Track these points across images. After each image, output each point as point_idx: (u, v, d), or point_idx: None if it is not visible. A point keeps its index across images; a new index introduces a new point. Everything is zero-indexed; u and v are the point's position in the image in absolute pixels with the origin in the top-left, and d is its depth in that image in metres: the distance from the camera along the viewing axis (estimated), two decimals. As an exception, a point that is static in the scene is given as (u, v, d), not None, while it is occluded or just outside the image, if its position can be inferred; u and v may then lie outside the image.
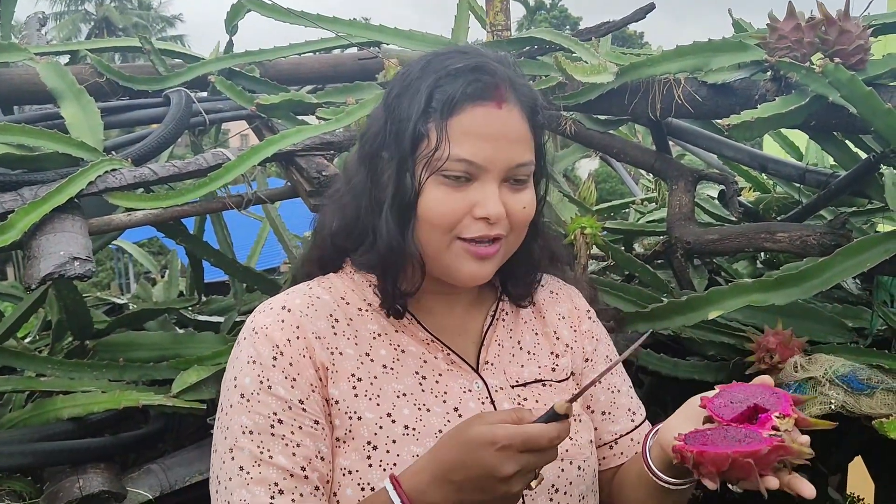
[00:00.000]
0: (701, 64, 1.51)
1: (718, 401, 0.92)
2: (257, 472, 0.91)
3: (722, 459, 0.82)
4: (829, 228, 1.47)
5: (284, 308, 0.98)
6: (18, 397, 1.70)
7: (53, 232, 1.44)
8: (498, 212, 0.94)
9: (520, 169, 0.96)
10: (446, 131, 0.92)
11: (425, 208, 0.94)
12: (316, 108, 1.93)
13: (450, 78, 0.94)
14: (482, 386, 1.02)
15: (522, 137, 0.97)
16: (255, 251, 2.84)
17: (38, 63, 1.87)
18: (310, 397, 0.94)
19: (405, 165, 0.95)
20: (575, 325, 1.15)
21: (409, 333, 1.03)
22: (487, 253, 0.96)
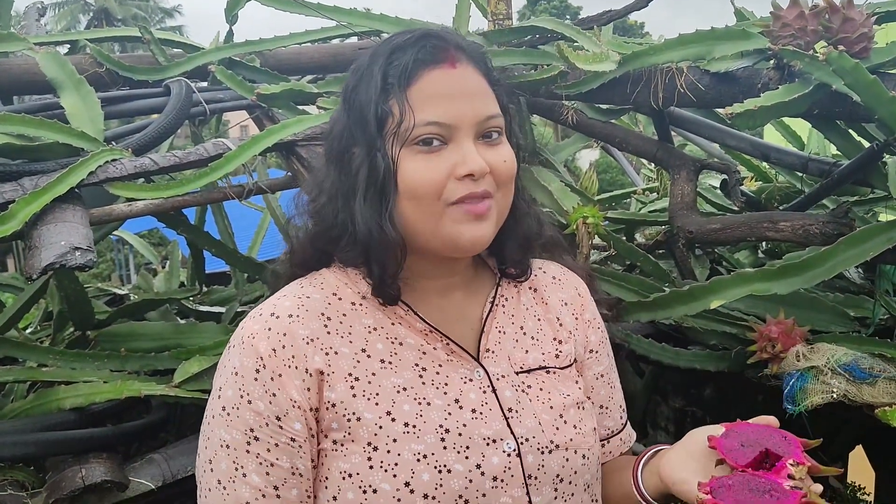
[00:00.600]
0: (703, 52, 1.50)
1: (728, 442, 0.91)
2: (232, 489, 0.92)
3: None
4: (831, 217, 1.46)
5: (273, 314, 0.96)
6: (20, 387, 1.71)
7: (54, 222, 1.44)
8: (480, 166, 0.92)
9: (490, 121, 0.95)
10: (407, 101, 0.92)
11: (406, 182, 0.93)
12: (316, 98, 1.92)
13: (399, 52, 0.95)
14: (483, 375, 1.00)
15: (483, 91, 0.97)
16: (255, 241, 2.84)
17: (38, 53, 1.86)
18: (288, 413, 0.92)
19: (374, 146, 0.94)
20: (577, 312, 1.14)
21: (407, 325, 1.01)
22: (480, 210, 0.94)
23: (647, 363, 1.82)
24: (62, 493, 1.36)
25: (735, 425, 0.94)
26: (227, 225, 2.29)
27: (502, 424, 0.97)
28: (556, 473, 0.99)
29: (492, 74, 1.00)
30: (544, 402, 1.02)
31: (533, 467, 0.97)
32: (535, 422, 0.99)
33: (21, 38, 1.92)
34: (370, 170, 0.94)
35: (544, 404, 1.02)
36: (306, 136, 1.78)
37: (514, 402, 1.00)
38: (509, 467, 0.95)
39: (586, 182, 2.17)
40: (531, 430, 0.98)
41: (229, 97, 2.05)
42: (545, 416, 1.01)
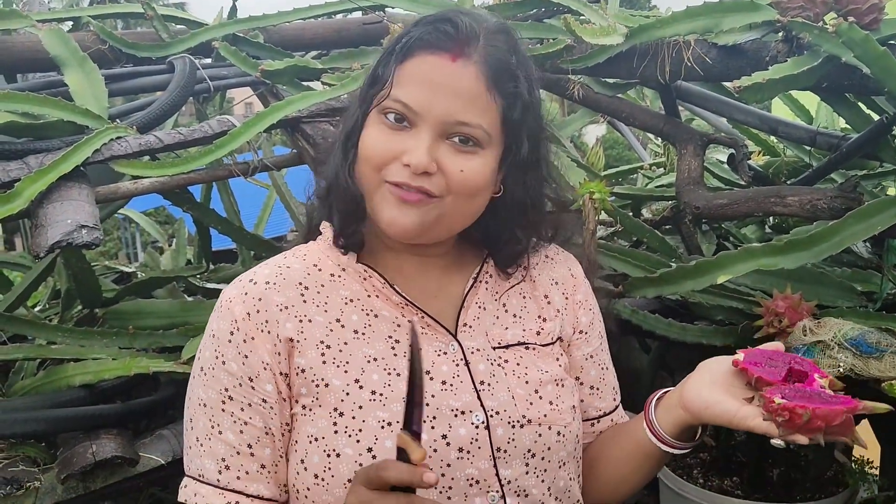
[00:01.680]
0: (712, 25, 1.49)
1: (757, 364, 0.94)
2: (209, 446, 0.96)
3: (835, 415, 0.85)
4: (839, 192, 1.45)
5: (251, 280, 0.99)
6: (30, 365, 1.72)
7: (60, 200, 1.44)
8: (419, 161, 0.91)
9: (461, 127, 0.93)
10: (394, 73, 0.94)
11: (362, 144, 0.96)
12: (321, 74, 1.91)
13: (417, 27, 0.96)
14: (457, 348, 1.01)
15: (473, 97, 0.93)
16: (261, 219, 2.84)
17: (41, 30, 1.85)
18: (259, 375, 0.95)
19: (361, 103, 0.98)
20: (568, 292, 1.14)
21: (384, 298, 1.02)
22: (409, 198, 0.93)
23: (654, 339, 1.83)
24: (73, 469, 1.37)
25: (751, 350, 0.97)
26: (233, 202, 2.29)
27: (472, 397, 0.98)
28: (528, 448, 1.00)
29: (504, 84, 0.95)
30: (520, 376, 1.03)
31: (502, 440, 0.98)
32: (507, 395, 1.00)
33: (24, 15, 1.91)
34: (349, 123, 0.99)
35: (519, 379, 1.02)
36: (311, 113, 1.77)
37: (488, 375, 1.01)
38: (476, 439, 0.96)
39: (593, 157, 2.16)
40: (503, 404, 0.99)
41: (233, 74, 2.04)
42: (519, 391, 1.01)
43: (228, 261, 2.60)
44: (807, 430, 0.86)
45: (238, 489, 0.95)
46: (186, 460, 0.99)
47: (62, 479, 1.38)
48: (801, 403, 0.86)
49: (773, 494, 1.98)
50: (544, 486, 1.02)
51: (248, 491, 0.95)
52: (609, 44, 1.54)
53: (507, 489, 0.98)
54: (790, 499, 1.96)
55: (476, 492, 0.96)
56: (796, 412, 0.86)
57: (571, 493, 1.08)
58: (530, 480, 1.00)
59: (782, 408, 0.87)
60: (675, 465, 2.11)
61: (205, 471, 0.96)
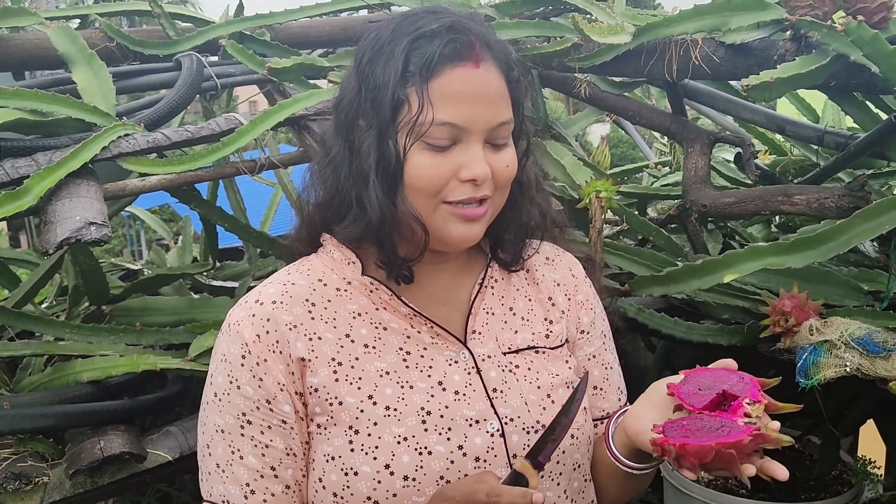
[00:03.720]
0: (719, 23, 1.48)
1: (686, 388, 0.92)
2: (231, 472, 0.94)
3: (705, 452, 0.82)
4: (847, 190, 1.45)
5: (257, 301, 0.98)
6: (38, 361, 1.72)
7: (69, 197, 1.44)
8: (484, 173, 0.92)
9: (501, 128, 0.95)
10: (427, 95, 0.90)
11: (411, 175, 0.92)
12: (328, 72, 1.92)
13: (425, 40, 0.92)
14: (468, 356, 1.01)
15: (501, 95, 0.96)
16: (267, 217, 2.84)
17: (49, 28, 1.85)
18: (277, 396, 0.94)
19: (386, 133, 0.92)
20: (570, 293, 1.13)
21: (392, 310, 1.01)
22: (475, 214, 0.95)
23: (660, 337, 1.82)
24: (82, 465, 1.38)
25: (694, 371, 0.94)
26: (240, 200, 2.29)
27: (486, 405, 0.98)
28: None
29: (511, 73, 0.98)
30: (532, 381, 1.02)
31: (518, 447, 0.97)
32: (520, 401, 1.00)
33: (32, 12, 1.92)
34: (381, 156, 0.93)
35: (531, 384, 1.02)
36: (318, 111, 1.77)
37: (500, 382, 1.00)
38: (492, 447, 0.96)
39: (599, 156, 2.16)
40: (516, 410, 0.99)
41: (240, 72, 2.04)
42: (532, 396, 1.01)
43: (234, 258, 2.61)
44: (684, 465, 0.84)
45: None
46: (207, 486, 0.97)
47: (70, 474, 1.39)
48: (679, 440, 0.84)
49: (778, 493, 1.98)
50: (560, 490, 1.02)
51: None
52: (617, 42, 1.54)
53: None
54: (795, 498, 1.96)
55: None
56: (666, 448, 0.85)
57: (586, 495, 1.08)
58: (545, 484, 1.00)
59: (654, 443, 0.86)
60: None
61: (229, 496, 0.95)
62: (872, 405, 1.97)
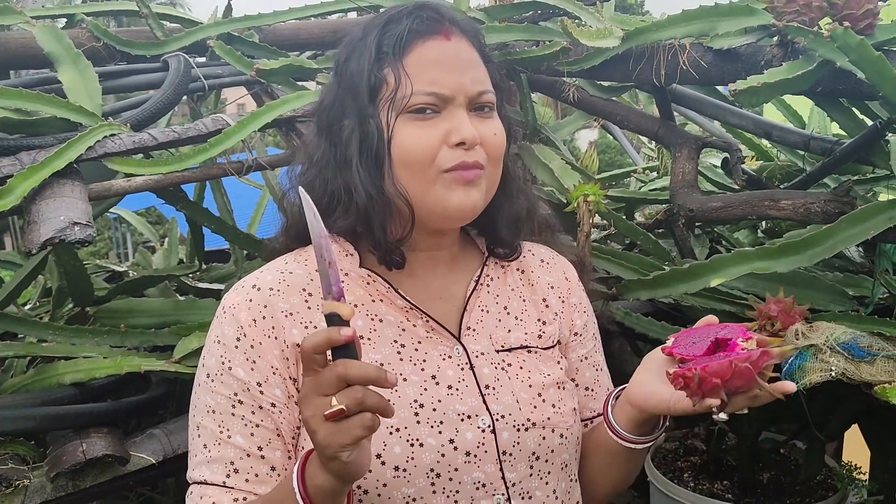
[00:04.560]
0: (707, 28, 1.49)
1: (680, 346, 0.98)
2: (217, 451, 0.95)
3: (724, 368, 0.87)
4: (833, 196, 1.46)
5: (255, 287, 0.99)
6: (20, 363, 1.71)
7: (53, 197, 1.43)
8: (472, 134, 0.94)
9: (483, 96, 0.97)
10: (403, 69, 0.94)
11: (400, 149, 0.94)
12: (316, 74, 1.91)
13: (393, 23, 0.96)
14: (462, 352, 1.02)
15: (477, 65, 0.98)
16: (254, 219, 2.83)
17: (35, 26, 1.84)
18: (269, 380, 0.95)
19: (366, 114, 0.95)
20: (564, 295, 1.15)
21: (388, 302, 1.02)
22: (471, 177, 0.95)
23: (647, 342, 1.82)
24: (63, 467, 1.36)
25: (681, 333, 1.01)
26: (227, 202, 2.28)
27: (478, 401, 0.99)
28: (532, 451, 1.00)
29: (485, 51, 1.01)
30: (523, 380, 1.03)
31: (508, 444, 0.98)
32: (512, 399, 1.01)
33: (18, 11, 1.90)
34: (363, 138, 0.95)
35: (523, 382, 1.03)
36: (306, 112, 1.77)
37: (493, 379, 1.01)
38: (483, 443, 0.97)
39: (587, 160, 2.17)
40: (508, 407, 1.00)
41: (228, 73, 2.04)
42: (523, 395, 1.02)
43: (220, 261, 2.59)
44: (707, 391, 0.89)
45: (246, 489, 0.94)
46: (192, 466, 0.98)
47: (52, 477, 1.37)
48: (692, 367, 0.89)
49: (764, 498, 1.99)
50: (548, 489, 1.03)
51: (256, 491, 0.95)
52: (605, 46, 1.54)
53: (513, 492, 0.99)
54: (780, 502, 1.96)
55: (482, 495, 0.96)
56: (687, 376, 0.89)
57: (572, 495, 1.09)
58: (534, 483, 1.01)
59: (675, 376, 0.91)
60: (665, 469, 2.12)
61: (212, 475, 0.95)
62: (857, 410, 1.98)
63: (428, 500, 0.93)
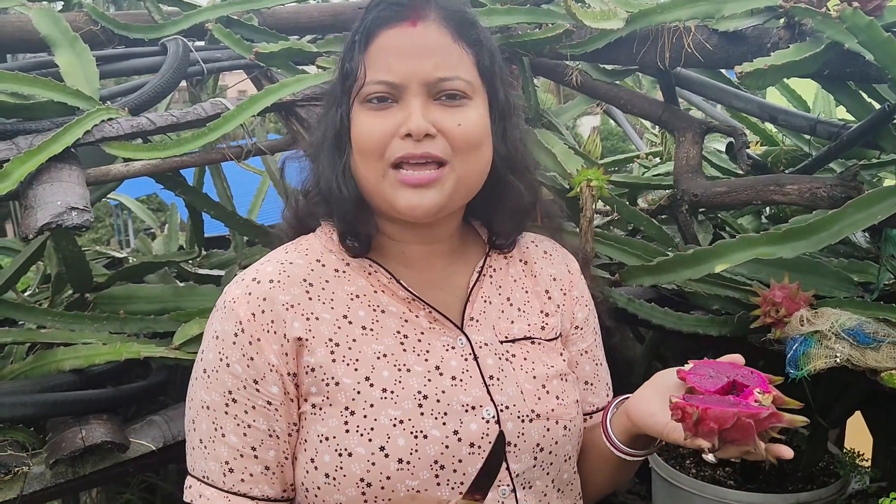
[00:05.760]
0: (713, 10, 1.47)
1: (696, 375, 0.94)
2: (213, 448, 0.95)
3: (726, 417, 0.83)
4: (839, 180, 1.44)
5: (255, 279, 0.97)
6: (19, 349, 1.70)
7: (50, 182, 1.41)
8: (419, 126, 0.91)
9: (444, 83, 0.94)
10: (364, 60, 0.94)
11: (354, 137, 0.95)
12: (316, 58, 1.89)
13: (368, 11, 0.96)
14: (465, 342, 1.01)
15: (445, 51, 0.95)
16: (254, 205, 2.82)
17: (31, 9, 1.82)
18: (265, 377, 0.94)
19: (339, 103, 0.97)
20: (566, 288, 1.14)
21: (390, 293, 1.01)
22: (421, 180, 0.92)
23: (650, 328, 1.81)
24: (63, 454, 1.35)
25: (702, 362, 0.96)
26: (226, 188, 2.27)
27: (482, 392, 0.98)
28: (537, 442, 0.99)
29: (469, 33, 0.97)
30: (527, 371, 1.02)
31: (512, 435, 0.97)
32: (516, 390, 1.00)
33: (14, -6, 1.88)
34: (331, 126, 0.97)
35: (527, 373, 1.02)
36: (306, 96, 1.75)
37: (497, 370, 1.00)
38: (487, 434, 0.95)
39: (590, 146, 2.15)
40: (512, 398, 0.99)
41: (227, 56, 2.02)
42: (527, 386, 1.01)
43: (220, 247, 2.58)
44: (702, 433, 0.85)
45: (243, 492, 0.95)
46: (190, 461, 0.98)
47: (51, 464, 1.36)
48: (695, 404, 0.85)
49: (766, 485, 1.98)
50: (549, 479, 1.02)
51: (252, 493, 0.95)
52: (610, 28, 1.52)
53: (517, 483, 0.98)
54: (782, 489, 1.96)
55: None
56: (686, 411, 0.85)
57: (573, 487, 1.09)
58: (536, 473, 1.00)
59: (675, 406, 0.87)
60: (667, 456, 2.11)
61: (209, 472, 0.95)
62: (861, 397, 1.97)
63: (432, 492, 0.92)
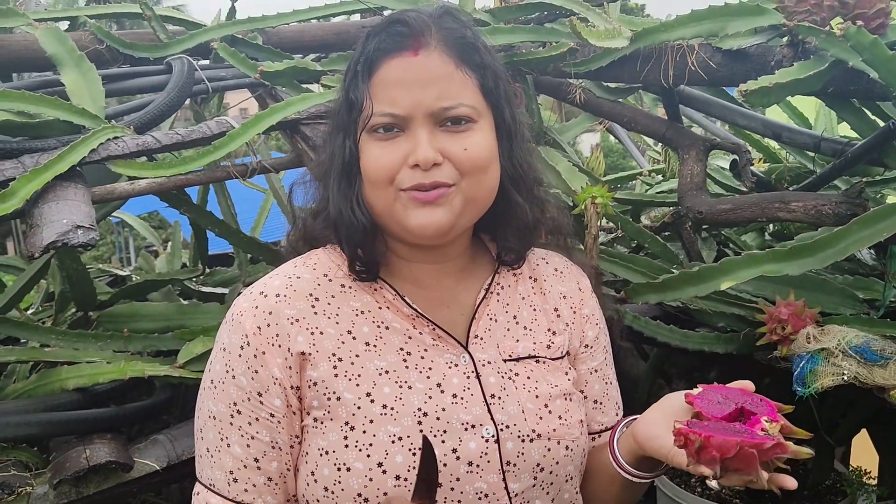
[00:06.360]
0: (717, 29, 1.48)
1: (704, 400, 0.93)
2: (218, 457, 0.96)
3: (729, 446, 0.83)
4: (844, 198, 1.44)
5: (262, 293, 0.99)
6: (22, 368, 1.69)
7: (56, 200, 1.41)
8: (426, 156, 0.92)
9: (448, 111, 0.95)
10: (368, 91, 0.95)
11: (364, 168, 0.96)
12: (320, 76, 1.90)
13: (369, 39, 0.97)
14: (468, 360, 1.00)
15: (448, 79, 0.95)
16: (258, 223, 2.82)
17: (38, 29, 1.83)
18: (269, 390, 0.95)
19: (346, 133, 0.97)
20: (576, 306, 1.13)
21: (394, 309, 1.01)
22: (429, 198, 0.94)
23: (655, 346, 1.80)
24: (66, 474, 1.35)
25: (711, 386, 0.96)
26: (230, 205, 2.27)
27: (483, 410, 0.97)
28: (537, 462, 0.99)
29: (472, 58, 0.98)
30: (530, 390, 1.02)
31: (512, 454, 0.97)
32: (518, 409, 0.99)
33: (20, 13, 1.89)
34: (341, 155, 0.98)
35: (530, 393, 1.02)
36: (310, 115, 1.76)
37: (499, 388, 1.00)
38: (486, 453, 0.95)
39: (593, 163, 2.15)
40: (513, 418, 0.98)
41: (232, 75, 2.02)
42: (529, 405, 1.01)
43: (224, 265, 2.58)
44: (704, 460, 0.84)
45: (247, 501, 0.96)
46: (199, 467, 1.00)
47: (55, 484, 1.35)
48: (698, 431, 0.84)
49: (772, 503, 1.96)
50: (548, 499, 1.01)
51: (256, 503, 0.96)
52: (614, 46, 1.53)
53: (515, 501, 0.97)
54: (789, 508, 1.94)
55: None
56: (689, 438, 0.85)
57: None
58: (536, 493, 0.99)
59: (678, 432, 0.86)
60: (672, 474, 2.09)
61: (216, 481, 0.97)
62: (867, 414, 1.96)
63: None
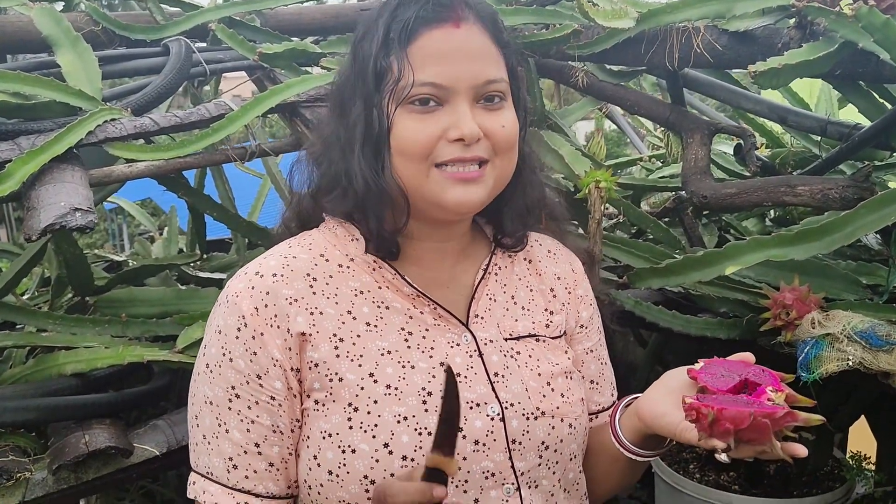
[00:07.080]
0: (724, 10, 1.46)
1: (708, 374, 0.93)
2: (216, 444, 0.94)
3: (742, 417, 0.82)
4: (851, 182, 1.43)
5: (258, 273, 0.96)
6: (19, 353, 1.68)
7: (53, 182, 1.39)
8: (472, 131, 0.91)
9: (490, 86, 0.94)
10: (407, 59, 0.91)
11: (398, 140, 0.92)
12: (320, 59, 1.87)
13: (403, 7, 0.93)
14: (470, 339, 1.00)
15: (488, 54, 0.94)
16: (255, 208, 2.80)
17: (32, 9, 1.80)
18: (269, 372, 0.92)
19: (371, 102, 0.93)
20: (570, 287, 1.13)
21: (394, 289, 1.00)
22: (470, 176, 0.93)
23: (657, 331, 1.80)
24: (65, 459, 1.33)
25: (713, 361, 0.95)
26: (228, 189, 2.25)
27: (487, 388, 0.97)
28: (542, 440, 0.98)
29: (501, 36, 0.97)
30: (532, 368, 1.02)
31: (517, 432, 0.96)
32: (521, 387, 0.99)
33: (14, -7, 1.86)
34: (367, 125, 0.93)
35: (532, 371, 1.01)
36: (310, 97, 1.73)
37: (502, 367, 0.99)
38: (492, 431, 0.95)
39: (594, 147, 2.13)
40: (517, 396, 0.98)
41: (229, 58, 2.00)
42: (532, 383, 1.00)
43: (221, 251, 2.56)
44: (717, 433, 0.84)
45: (247, 489, 0.94)
46: (193, 457, 0.97)
47: (54, 469, 1.34)
48: (710, 404, 0.84)
49: (770, 489, 1.97)
50: (555, 478, 1.01)
51: (256, 490, 0.94)
52: (621, 27, 1.51)
53: (522, 481, 0.97)
54: (787, 494, 1.95)
55: (492, 484, 0.94)
56: (702, 412, 0.84)
57: (579, 487, 1.08)
58: (542, 472, 0.99)
59: (689, 407, 0.86)
60: (671, 460, 2.09)
61: (213, 468, 0.94)
62: (868, 400, 1.96)
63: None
